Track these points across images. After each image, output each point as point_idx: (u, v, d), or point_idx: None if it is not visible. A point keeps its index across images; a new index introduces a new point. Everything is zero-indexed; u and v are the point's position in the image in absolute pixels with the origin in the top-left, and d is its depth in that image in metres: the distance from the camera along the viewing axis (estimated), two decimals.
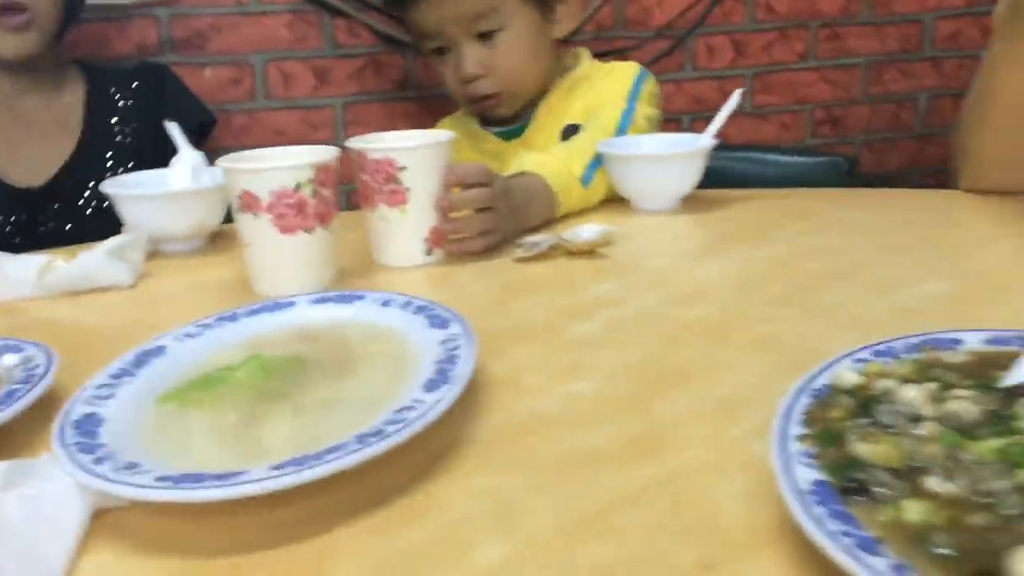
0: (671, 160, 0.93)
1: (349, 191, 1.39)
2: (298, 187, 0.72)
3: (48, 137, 1.14)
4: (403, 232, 0.81)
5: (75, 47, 1.33)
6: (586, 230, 0.84)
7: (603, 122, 1.06)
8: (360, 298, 0.62)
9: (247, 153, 0.78)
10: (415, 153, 0.79)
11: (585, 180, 0.97)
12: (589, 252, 0.82)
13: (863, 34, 1.74)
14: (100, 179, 1.08)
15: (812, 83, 1.75)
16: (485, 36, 1.11)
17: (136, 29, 1.40)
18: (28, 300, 0.78)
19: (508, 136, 1.19)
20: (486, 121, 1.22)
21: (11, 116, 1.13)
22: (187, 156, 0.95)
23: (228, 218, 0.83)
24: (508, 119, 1.19)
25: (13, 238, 1.09)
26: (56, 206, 1.12)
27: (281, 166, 0.72)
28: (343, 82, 1.52)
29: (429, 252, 0.82)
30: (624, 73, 1.14)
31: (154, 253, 0.89)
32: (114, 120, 1.18)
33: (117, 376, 0.50)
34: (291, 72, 1.48)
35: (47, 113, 1.15)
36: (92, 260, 0.79)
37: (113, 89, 1.21)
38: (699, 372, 0.53)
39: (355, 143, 0.80)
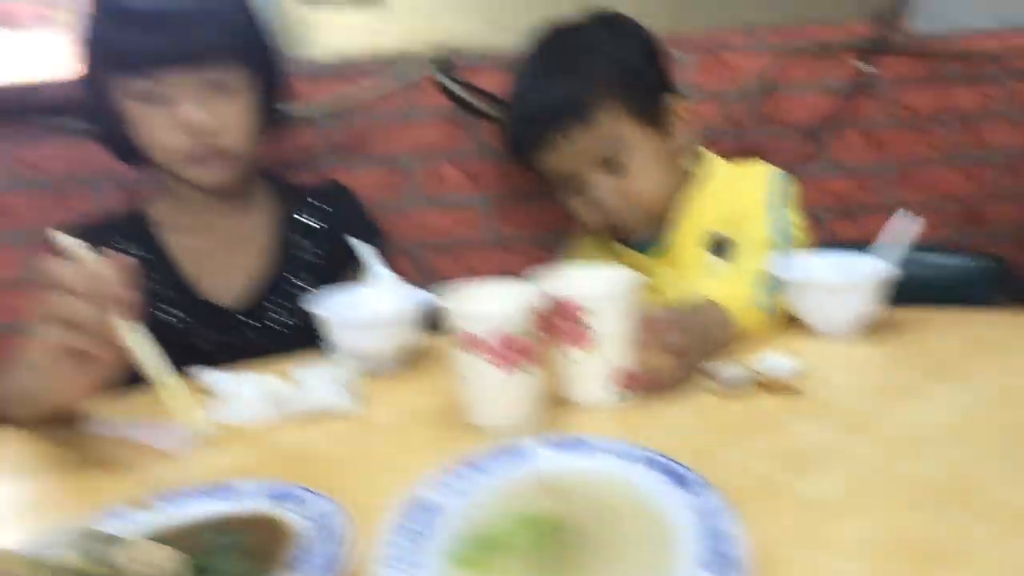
0: (853, 289, 0.95)
1: None
2: (517, 331, 0.77)
3: (242, 255, 1.19)
4: (590, 372, 0.83)
5: None
6: (776, 363, 0.87)
7: (755, 236, 1.08)
8: (593, 446, 0.66)
9: (462, 289, 0.83)
10: (604, 298, 0.82)
11: (759, 304, 1.00)
12: (785, 387, 0.84)
13: (1001, 129, 1.73)
14: (292, 297, 1.15)
15: (951, 179, 1.75)
16: (612, 166, 1.15)
17: (298, 133, 1.49)
18: (257, 424, 0.84)
19: (645, 248, 1.22)
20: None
21: (208, 234, 1.18)
22: (384, 277, 1.01)
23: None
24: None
25: (213, 355, 1.09)
26: (251, 323, 1.16)
27: (503, 311, 0.77)
28: (491, 183, 1.58)
29: (615, 391, 0.84)
30: (760, 177, 1.16)
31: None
32: (304, 239, 1.21)
33: (405, 535, 0.55)
34: (444, 174, 1.55)
35: (241, 231, 1.20)
36: (321, 387, 0.85)
37: (302, 208, 1.24)
38: (959, 554, 0.55)
39: (544, 283, 0.83)
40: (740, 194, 1.15)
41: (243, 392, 0.87)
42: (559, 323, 0.83)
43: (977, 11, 1.64)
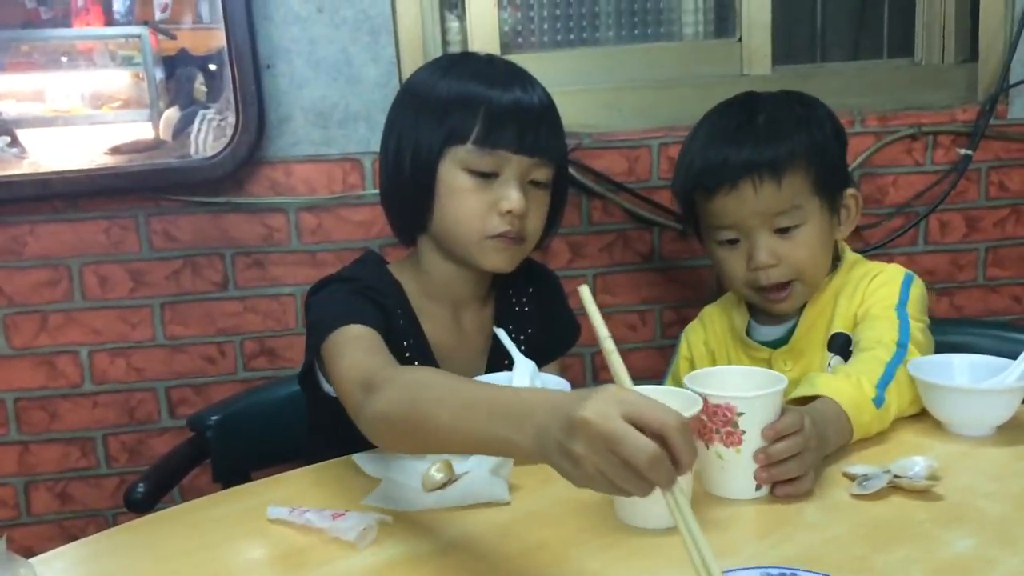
0: (991, 394, 0.99)
1: None
2: None
3: (474, 345, 1.18)
4: (737, 469, 0.88)
5: None
6: (914, 464, 0.90)
7: (880, 337, 1.10)
8: None
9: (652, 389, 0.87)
10: (755, 402, 0.87)
11: (878, 402, 1.02)
12: (923, 491, 0.88)
13: None
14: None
15: None
16: (781, 230, 1.19)
17: None
18: (418, 511, 0.90)
19: (775, 345, 1.24)
20: (752, 312, 1.28)
21: (448, 320, 1.17)
22: (524, 366, 1.07)
23: None
24: (777, 318, 1.26)
25: None
26: None
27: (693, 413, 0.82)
28: (594, 255, 1.64)
29: (758, 488, 0.89)
30: (894, 281, 1.19)
31: None
32: (511, 326, 1.17)
33: None
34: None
35: (475, 322, 1.20)
36: (479, 478, 0.90)
37: (512, 292, 1.22)
38: None
39: (697, 387, 0.89)
40: (872, 296, 1.18)
41: (405, 478, 0.93)
42: (709, 423, 0.88)
43: None
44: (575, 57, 1.65)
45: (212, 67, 1.61)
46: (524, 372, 1.07)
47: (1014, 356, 1.03)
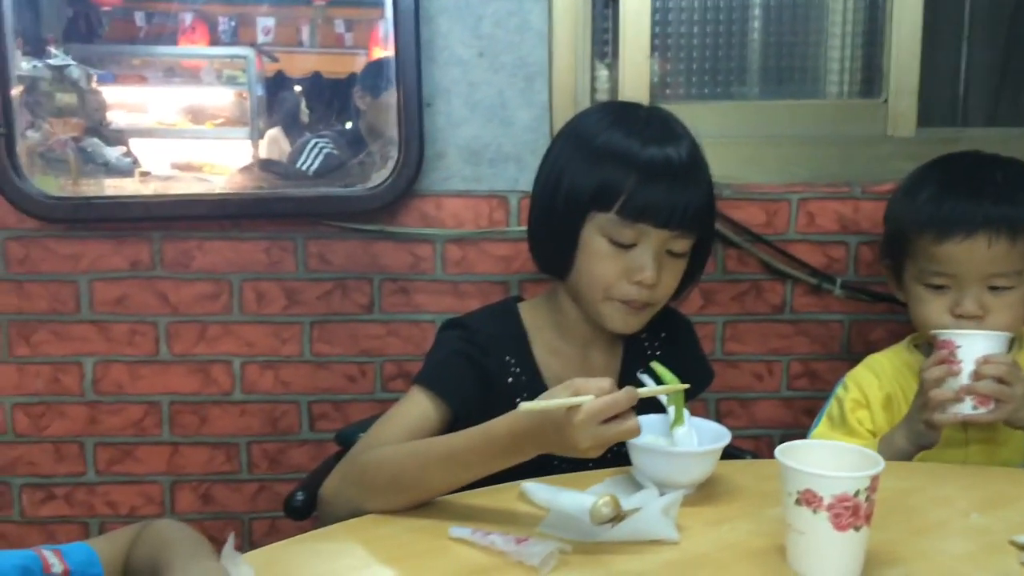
0: None
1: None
2: (856, 493, 0.85)
3: None
4: (954, 389, 1.14)
5: None
6: None
7: None
8: None
9: (796, 443, 0.92)
10: (973, 339, 1.15)
11: None
12: None
13: None
14: None
15: None
16: (994, 288, 1.23)
17: None
18: (587, 542, 0.94)
19: None
20: None
21: (578, 363, 1.20)
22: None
23: None
24: None
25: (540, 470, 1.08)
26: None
27: (846, 476, 0.85)
28: (726, 303, 1.67)
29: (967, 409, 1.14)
30: None
31: None
32: (642, 369, 1.14)
33: None
34: None
35: (604, 362, 1.22)
36: (649, 517, 0.94)
37: (644, 335, 1.22)
38: None
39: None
40: None
41: (573, 510, 0.97)
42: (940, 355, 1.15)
43: None
44: (721, 109, 1.70)
45: (357, 92, 1.71)
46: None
47: None
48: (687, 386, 1.06)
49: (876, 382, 1.34)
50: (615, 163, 1.10)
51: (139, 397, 1.64)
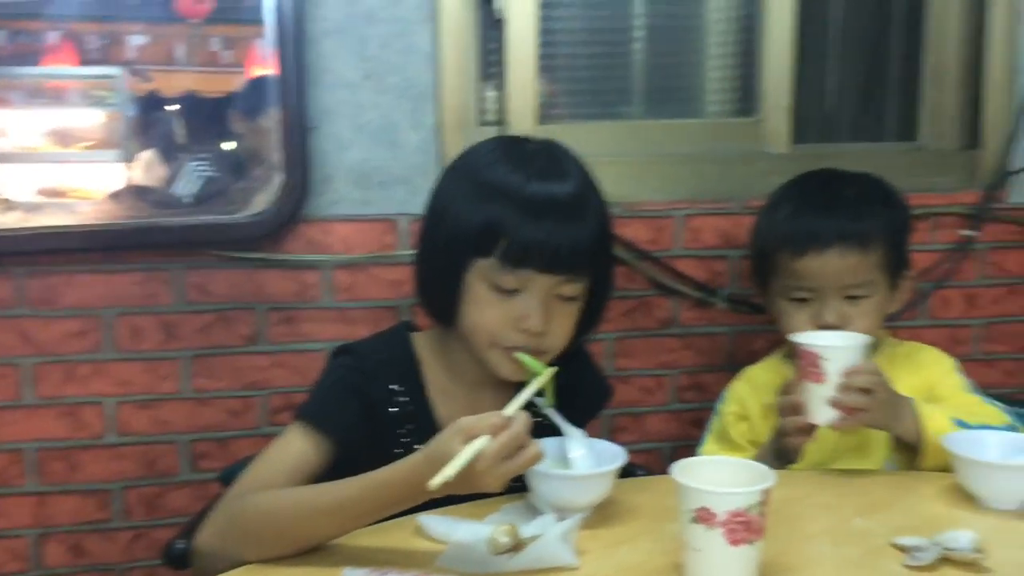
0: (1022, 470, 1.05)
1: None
2: (749, 508, 0.86)
3: None
4: (819, 400, 1.12)
5: None
6: (959, 537, 0.95)
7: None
8: None
9: (690, 461, 0.92)
10: (838, 350, 1.13)
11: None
12: (971, 563, 0.92)
13: None
14: None
15: None
16: (851, 297, 1.29)
17: None
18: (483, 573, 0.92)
19: None
20: None
21: (470, 400, 1.14)
22: (575, 435, 1.10)
23: None
24: None
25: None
26: None
27: (738, 491, 0.86)
28: (616, 319, 1.69)
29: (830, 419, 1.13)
30: (946, 362, 1.35)
31: None
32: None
33: None
34: None
35: (497, 401, 1.08)
36: (548, 544, 0.93)
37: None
38: None
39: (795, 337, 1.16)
40: (935, 378, 1.30)
41: (471, 540, 0.95)
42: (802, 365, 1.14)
43: None
44: (607, 129, 1.72)
45: (237, 113, 1.65)
46: (577, 441, 1.10)
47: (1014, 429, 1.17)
48: (556, 369, 1.05)
49: (753, 394, 1.39)
50: (497, 200, 1.05)
51: (0, 445, 1.52)
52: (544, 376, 1.04)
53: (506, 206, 1.05)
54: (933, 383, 1.29)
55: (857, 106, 1.94)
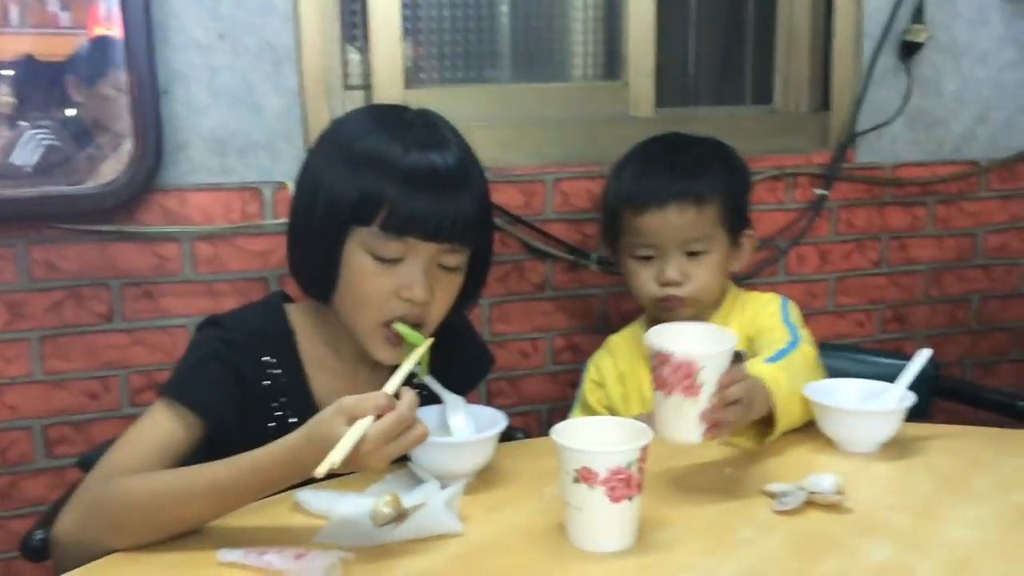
0: (878, 415, 1.12)
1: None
2: (629, 465, 0.88)
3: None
4: (692, 415, 0.97)
5: None
6: (822, 480, 1.00)
7: (776, 341, 1.26)
8: None
9: (568, 423, 0.93)
10: (716, 358, 0.97)
11: (792, 387, 1.15)
12: (834, 505, 0.98)
13: (926, 245, 1.98)
14: None
15: (883, 286, 1.97)
16: (691, 253, 1.33)
17: None
18: (372, 546, 0.90)
19: None
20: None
21: (349, 377, 1.14)
22: (455, 402, 1.09)
23: None
24: None
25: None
26: None
27: (617, 450, 0.88)
28: (491, 284, 1.67)
29: (702, 434, 0.98)
30: (774, 302, 1.38)
31: None
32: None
33: None
34: None
35: (375, 373, 1.12)
36: (432, 512, 0.92)
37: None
38: None
39: (659, 342, 0.97)
40: (759, 319, 1.35)
41: (353, 514, 0.93)
42: (671, 377, 0.96)
43: (908, 147, 1.90)
44: (476, 93, 1.70)
45: (77, 77, 1.54)
46: (457, 408, 1.09)
47: (865, 375, 1.21)
48: (433, 340, 1.04)
49: (611, 361, 1.45)
50: (375, 171, 1.02)
51: None
52: (422, 348, 1.02)
53: (386, 176, 1.02)
54: (755, 316, 1.35)
55: (717, 71, 2.00)
